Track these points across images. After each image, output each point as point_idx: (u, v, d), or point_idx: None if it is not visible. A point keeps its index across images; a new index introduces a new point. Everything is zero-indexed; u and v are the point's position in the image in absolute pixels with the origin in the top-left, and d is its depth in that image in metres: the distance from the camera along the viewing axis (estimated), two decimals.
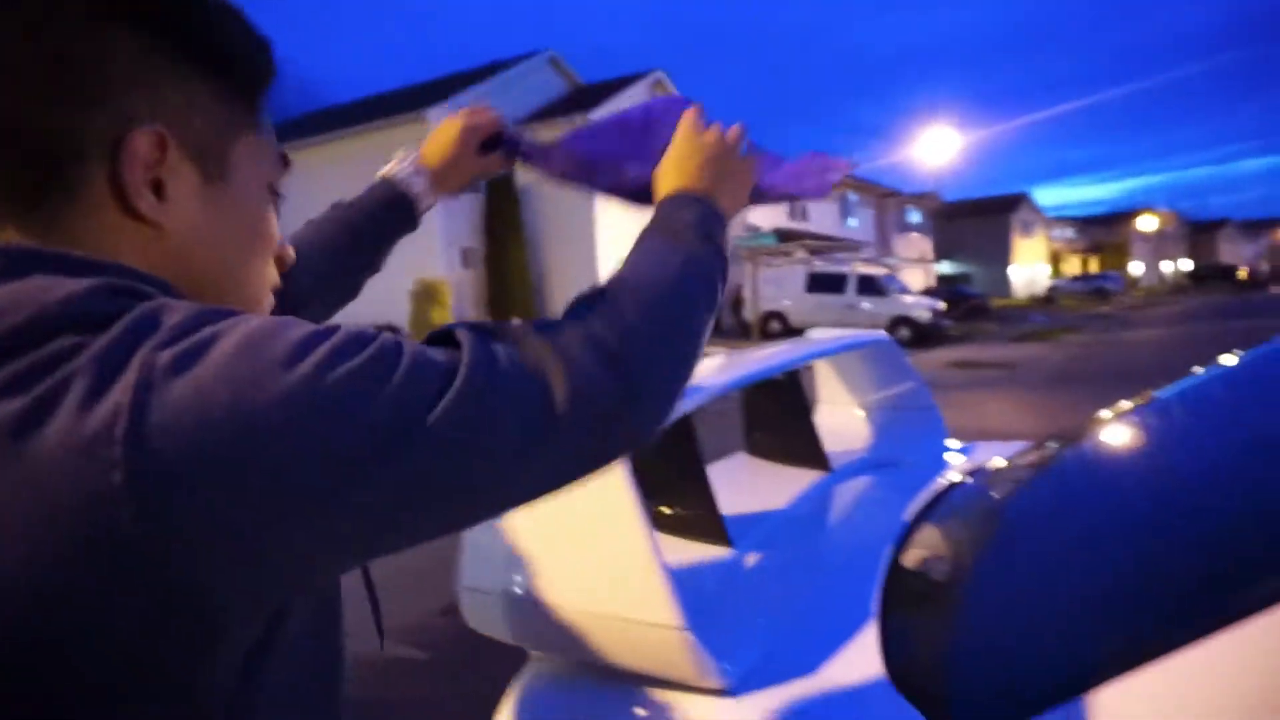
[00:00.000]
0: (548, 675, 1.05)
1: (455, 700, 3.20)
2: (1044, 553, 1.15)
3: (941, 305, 23.28)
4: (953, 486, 1.64)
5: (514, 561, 1.02)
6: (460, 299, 21.19)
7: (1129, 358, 15.32)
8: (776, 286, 23.34)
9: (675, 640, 0.91)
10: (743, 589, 1.23)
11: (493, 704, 3.26)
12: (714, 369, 1.51)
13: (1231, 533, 0.93)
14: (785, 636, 1.07)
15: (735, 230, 27.62)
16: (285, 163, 0.72)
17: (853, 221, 36.85)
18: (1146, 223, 65.69)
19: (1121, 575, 0.97)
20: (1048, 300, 43.87)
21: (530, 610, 1.00)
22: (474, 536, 1.05)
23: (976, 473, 1.71)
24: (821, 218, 34.01)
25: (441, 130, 1.12)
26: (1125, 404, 1.54)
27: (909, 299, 22.31)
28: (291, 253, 0.75)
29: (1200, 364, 1.51)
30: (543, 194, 23.58)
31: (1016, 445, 2.08)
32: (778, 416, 1.87)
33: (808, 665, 0.99)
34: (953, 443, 2.12)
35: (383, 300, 21.70)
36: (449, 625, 3.99)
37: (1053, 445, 1.82)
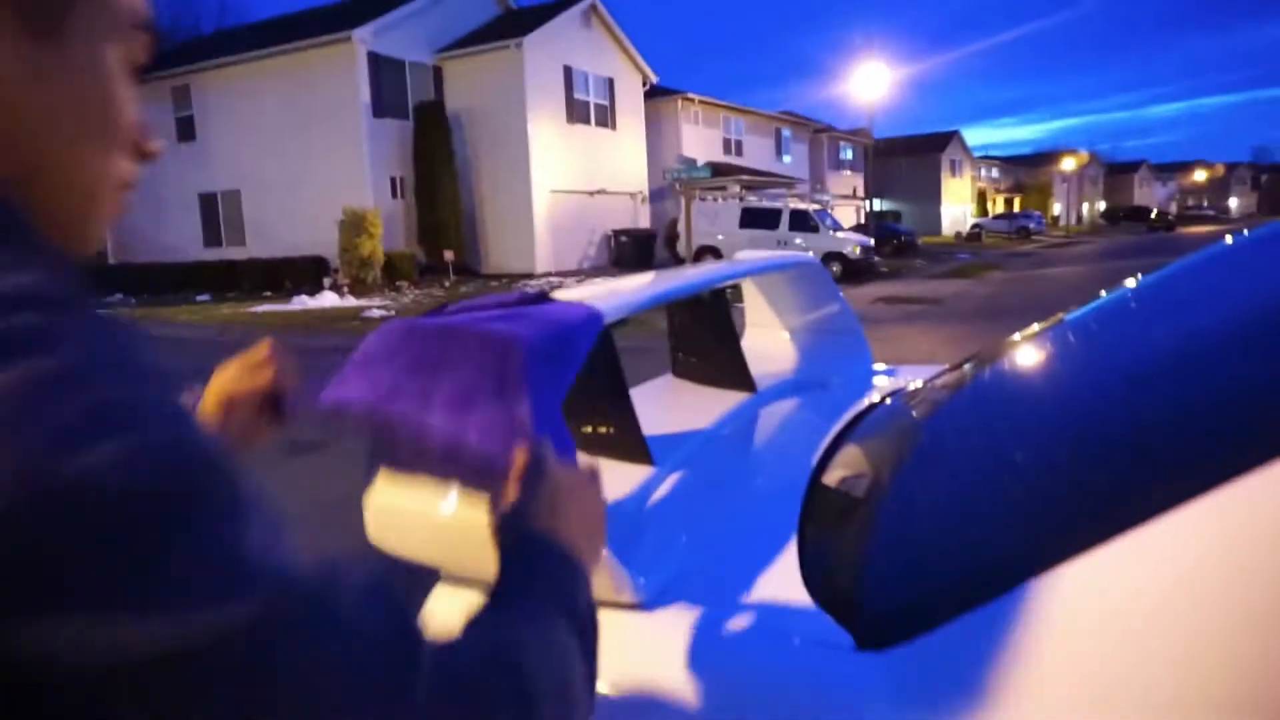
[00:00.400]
0: (458, 593, 1.03)
1: None
2: (956, 465, 1.17)
3: (872, 242, 23.61)
4: (874, 406, 1.65)
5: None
6: (390, 229, 20.61)
7: (1049, 292, 15.83)
8: (710, 221, 23.29)
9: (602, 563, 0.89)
10: (663, 508, 1.22)
11: None
12: (642, 284, 1.48)
13: (1121, 439, 0.94)
14: (705, 554, 1.06)
15: (671, 161, 27.38)
16: (149, 35, 0.57)
17: (787, 157, 36.86)
18: (1068, 164, 67.38)
19: (1025, 481, 0.98)
20: (974, 238, 44.90)
21: (440, 531, 0.97)
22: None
23: (897, 393, 1.73)
24: (756, 153, 33.93)
25: (216, 386, 0.87)
26: (1035, 326, 1.57)
27: (841, 235, 22.55)
28: (156, 145, 0.59)
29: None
30: (474, 120, 22.93)
31: (936, 368, 2.11)
32: (704, 338, 1.85)
33: (726, 583, 0.98)
34: (878, 366, 2.14)
35: (310, 230, 21.06)
36: None
37: (968, 367, 1.84)
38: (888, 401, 1.67)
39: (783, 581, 0.98)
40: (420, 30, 22.47)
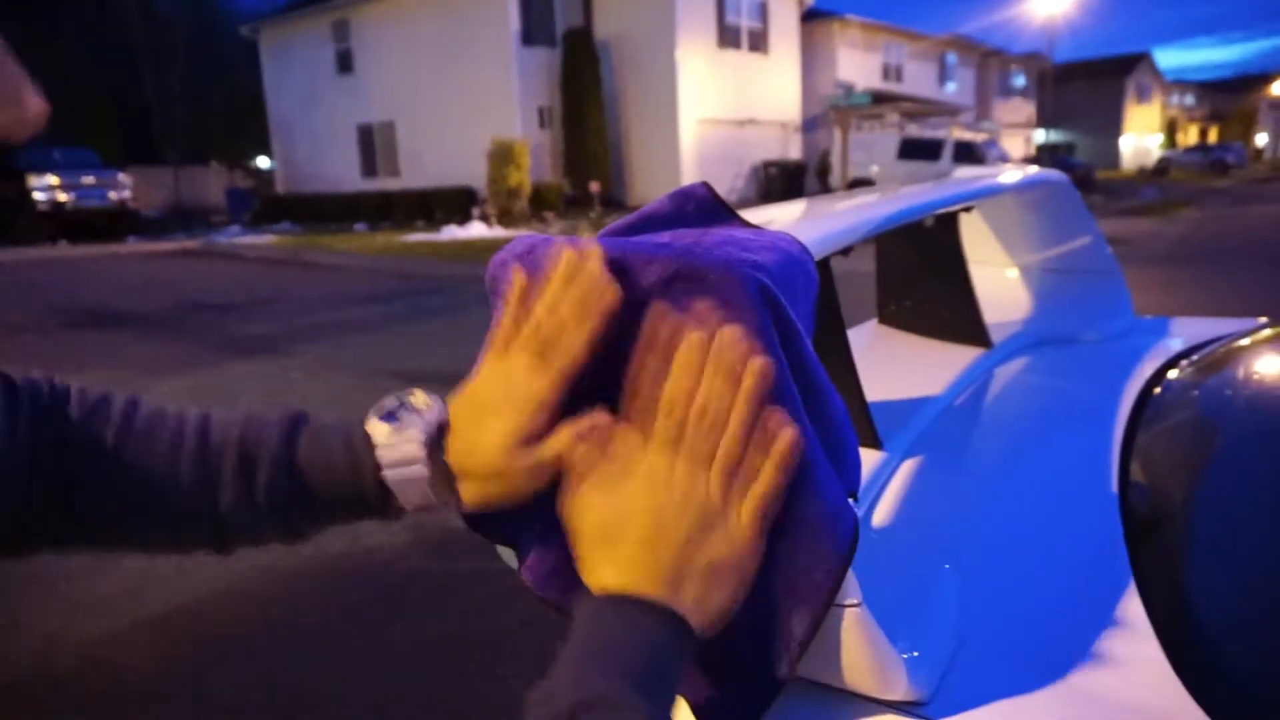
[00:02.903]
0: None
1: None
2: None
3: None
4: (1160, 383, 1.21)
5: None
6: (537, 160, 20.61)
7: (1250, 236, 14.02)
8: (866, 152, 22.06)
9: (846, 623, 0.54)
10: (907, 519, 0.86)
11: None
12: (845, 209, 1.09)
13: None
14: (984, 599, 0.69)
15: (826, 89, 26.03)
16: None
17: (951, 84, 34.43)
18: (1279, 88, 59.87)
19: None
20: (1160, 172, 40.76)
21: None
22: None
23: (1189, 364, 1.28)
24: (917, 80, 31.84)
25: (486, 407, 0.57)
26: None
27: (1010, 167, 20.89)
28: (37, 106, 0.41)
29: None
30: (622, 47, 22.43)
31: (1221, 324, 1.62)
32: (924, 278, 1.44)
33: (1033, 653, 0.61)
34: (1140, 318, 1.66)
35: (460, 161, 21.38)
36: None
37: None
38: (1183, 376, 1.22)
39: (1121, 654, 0.60)
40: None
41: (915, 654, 0.59)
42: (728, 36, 23.38)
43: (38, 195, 19.46)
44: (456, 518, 0.61)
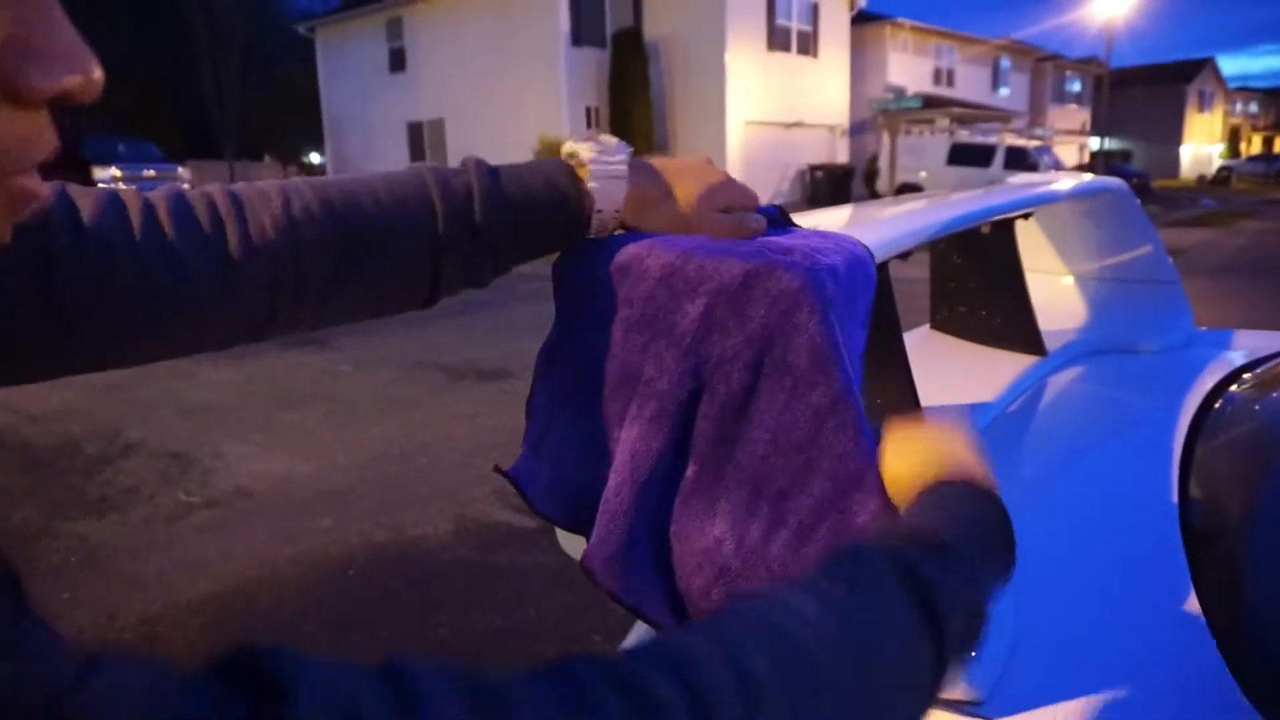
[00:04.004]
0: None
1: (566, 568, 3.03)
2: None
3: None
4: (1222, 395, 1.19)
5: None
6: None
7: None
8: (914, 157, 21.79)
9: None
10: None
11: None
12: (902, 212, 1.10)
13: None
14: (1038, 605, 0.69)
15: (875, 93, 25.80)
16: None
17: (1004, 89, 33.85)
18: None
19: None
20: (1221, 182, 39.65)
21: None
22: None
23: (1252, 377, 1.25)
24: (969, 84, 31.36)
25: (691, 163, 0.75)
26: None
27: (1064, 175, 20.48)
28: (97, 70, 0.32)
29: None
30: (671, 48, 22.44)
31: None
32: (979, 283, 1.43)
33: (1092, 665, 0.61)
34: (1200, 328, 1.64)
35: (505, 157, 21.34)
36: None
37: None
38: (1244, 390, 1.20)
39: (1179, 658, 0.60)
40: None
41: (972, 655, 0.59)
42: (777, 39, 23.26)
43: (100, 186, 20.05)
44: (500, 512, 0.63)
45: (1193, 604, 0.68)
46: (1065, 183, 1.44)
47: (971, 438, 0.60)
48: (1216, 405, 1.12)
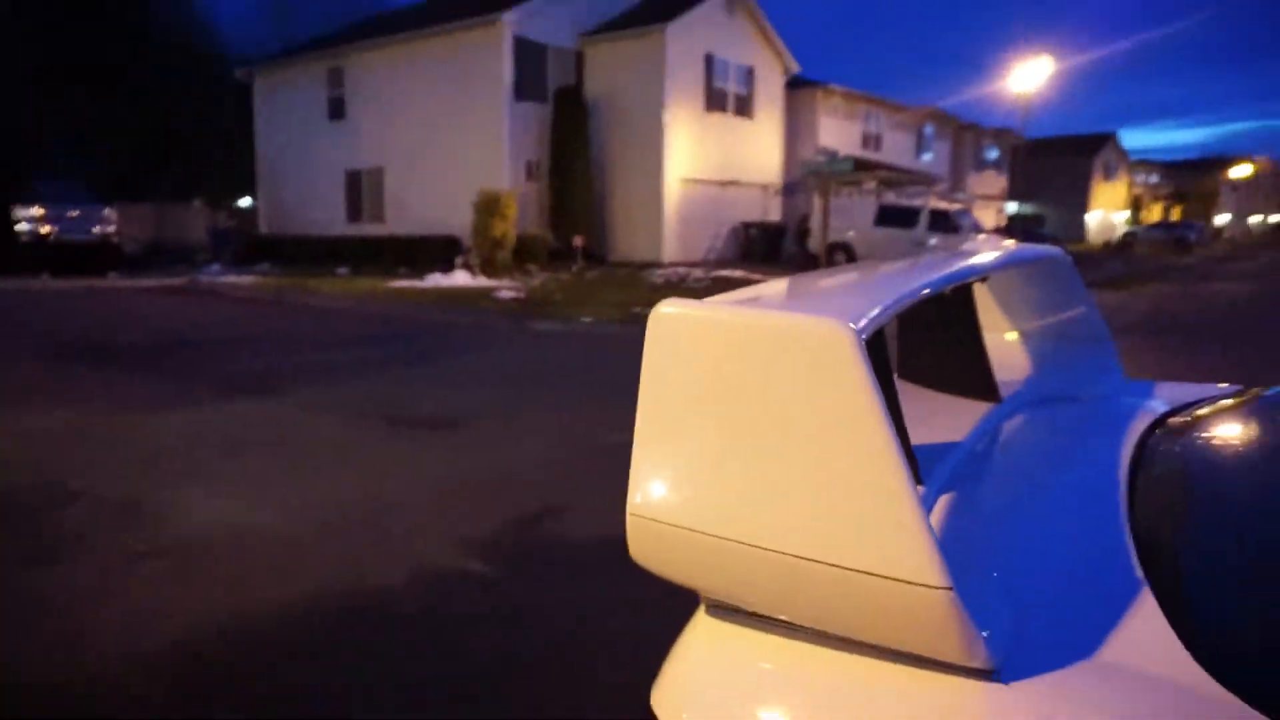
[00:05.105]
0: (729, 630, 0.84)
1: (530, 612, 3.08)
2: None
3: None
4: (1155, 434, 1.38)
5: (707, 488, 0.80)
6: (522, 211, 20.90)
7: (1214, 310, 14.54)
8: (843, 217, 22.59)
9: (932, 602, 0.69)
10: (958, 533, 1.00)
11: (559, 619, 3.08)
12: (875, 280, 1.26)
13: None
14: (1031, 599, 0.84)
15: (807, 154, 26.72)
16: None
17: (927, 154, 35.45)
18: (1240, 170, 62.15)
19: None
20: (1125, 246, 41.98)
21: (722, 551, 0.78)
22: (652, 451, 0.83)
23: (1175, 421, 1.45)
24: (895, 148, 32.77)
25: None
26: None
27: (983, 238, 21.49)
28: None
29: None
30: (611, 106, 22.96)
31: (1199, 388, 1.80)
32: (942, 338, 1.61)
33: (1073, 640, 0.75)
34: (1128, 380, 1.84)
35: (445, 209, 21.62)
36: (517, 540, 3.87)
37: (1254, 392, 1.54)
38: (1170, 432, 1.39)
39: (1139, 633, 0.75)
40: (564, 15, 22.66)
41: (987, 633, 0.73)
42: (714, 100, 24.05)
43: (21, 226, 19.42)
44: (454, 559, 0.74)
45: (1147, 592, 0.83)
46: (1017, 251, 1.64)
47: None
48: (1150, 440, 1.29)
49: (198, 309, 14.17)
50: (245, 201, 34.40)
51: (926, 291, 1.12)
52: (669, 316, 0.83)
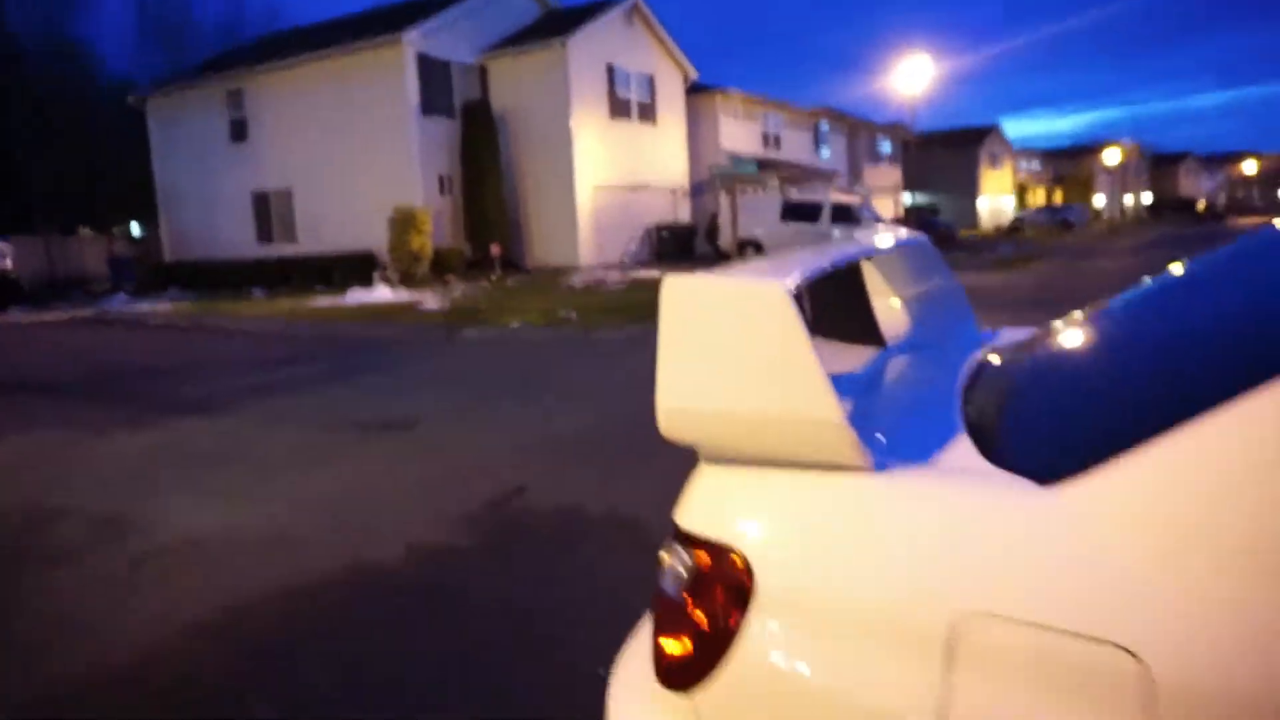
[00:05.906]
0: (722, 467, 1.37)
1: (507, 579, 3.56)
2: (1054, 384, 1.49)
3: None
4: (986, 362, 1.98)
5: (705, 383, 1.33)
6: (438, 225, 21.11)
7: (1095, 282, 15.90)
8: (751, 215, 23.53)
9: (836, 432, 1.23)
10: (854, 412, 1.56)
11: (534, 588, 3.56)
12: (815, 255, 1.82)
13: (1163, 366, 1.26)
14: (898, 437, 1.39)
15: (711, 155, 27.60)
16: None
17: (825, 151, 36.91)
18: (1111, 155, 66.41)
19: (1102, 389, 1.31)
20: (1014, 230, 44.55)
21: (715, 419, 1.32)
22: (670, 366, 1.35)
23: (1002, 350, 2.05)
24: (794, 147, 34.03)
25: None
26: (1101, 302, 1.90)
27: (883, 228, 22.71)
28: None
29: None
30: (519, 118, 23.34)
31: (1026, 331, 2.43)
32: (840, 302, 2.18)
33: (920, 455, 1.31)
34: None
35: (359, 226, 21.66)
36: (491, 517, 4.34)
37: (1058, 325, 2.16)
38: (996, 358, 1.99)
39: (956, 449, 1.31)
40: (466, 32, 22.97)
41: (868, 450, 1.27)
42: (619, 108, 24.72)
43: None
44: (445, 537, 1.27)
45: (962, 428, 1.39)
46: (893, 237, 2.22)
47: None
48: (981, 363, 1.89)
49: (120, 340, 14.00)
50: (136, 229, 33.48)
51: (830, 267, 1.68)
52: (675, 283, 1.36)
